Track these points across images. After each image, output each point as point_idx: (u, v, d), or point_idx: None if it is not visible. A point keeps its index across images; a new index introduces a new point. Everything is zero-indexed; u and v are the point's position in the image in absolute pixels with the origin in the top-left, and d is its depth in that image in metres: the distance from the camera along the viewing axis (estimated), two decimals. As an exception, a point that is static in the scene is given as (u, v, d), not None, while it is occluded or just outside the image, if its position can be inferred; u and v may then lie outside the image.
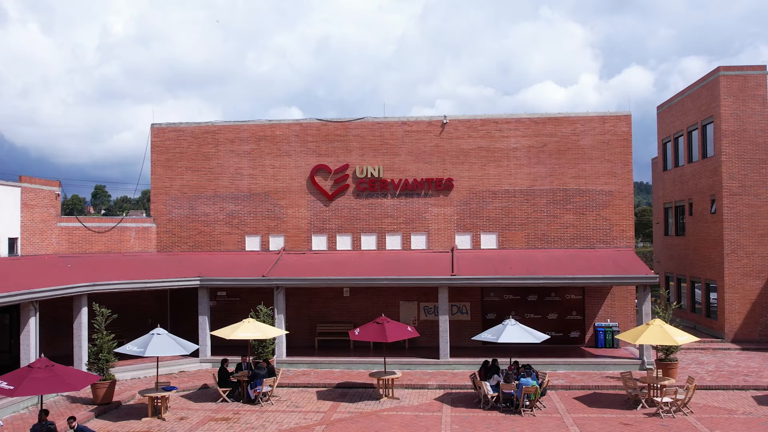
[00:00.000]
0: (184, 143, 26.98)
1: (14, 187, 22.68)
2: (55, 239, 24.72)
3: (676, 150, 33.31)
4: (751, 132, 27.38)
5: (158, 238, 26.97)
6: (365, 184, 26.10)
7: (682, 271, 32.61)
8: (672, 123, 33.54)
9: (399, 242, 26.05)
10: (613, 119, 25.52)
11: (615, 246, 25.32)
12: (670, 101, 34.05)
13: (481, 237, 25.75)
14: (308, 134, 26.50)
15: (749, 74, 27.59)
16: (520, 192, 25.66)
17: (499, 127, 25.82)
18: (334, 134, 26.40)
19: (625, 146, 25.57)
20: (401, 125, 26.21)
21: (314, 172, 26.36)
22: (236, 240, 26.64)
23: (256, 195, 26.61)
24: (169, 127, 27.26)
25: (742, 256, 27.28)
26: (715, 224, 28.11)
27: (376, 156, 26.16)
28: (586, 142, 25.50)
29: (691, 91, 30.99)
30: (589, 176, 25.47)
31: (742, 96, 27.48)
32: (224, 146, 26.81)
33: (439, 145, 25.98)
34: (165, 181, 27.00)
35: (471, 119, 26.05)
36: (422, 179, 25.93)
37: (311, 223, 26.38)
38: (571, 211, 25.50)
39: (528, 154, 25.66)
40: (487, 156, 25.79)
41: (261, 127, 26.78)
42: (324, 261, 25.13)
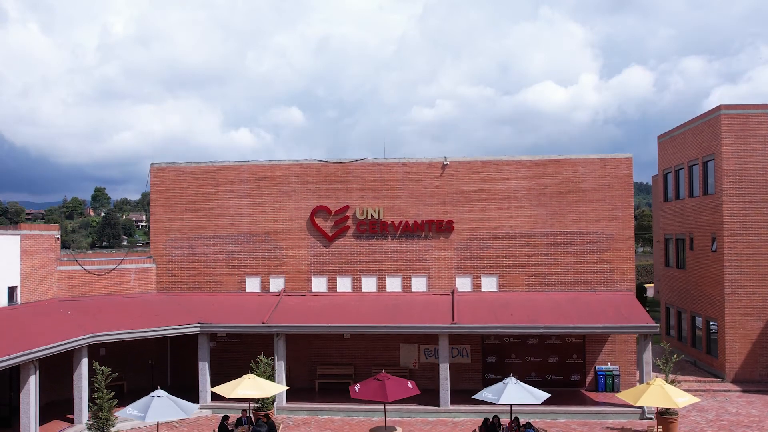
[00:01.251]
0: (183, 183, 26.91)
1: (13, 235, 22.63)
2: (55, 284, 24.68)
3: (677, 182, 33.22)
4: (752, 171, 27.30)
5: (158, 278, 26.92)
6: (365, 226, 26.04)
7: (682, 304, 32.56)
8: (673, 155, 33.45)
9: (399, 284, 26.00)
10: (614, 161, 25.44)
11: (616, 289, 25.26)
12: (671, 132, 33.95)
13: (482, 279, 25.71)
14: (308, 175, 26.43)
15: (751, 113, 27.49)
16: (521, 234, 25.59)
17: (500, 169, 25.74)
18: (335, 175, 26.32)
19: (626, 189, 25.50)
20: (401, 166, 26.14)
21: (314, 213, 26.30)
22: (236, 281, 26.59)
23: (256, 236, 26.55)
24: (169, 166, 27.19)
25: (743, 296, 27.22)
26: (716, 263, 28.04)
27: (377, 197, 26.09)
28: (587, 184, 25.42)
29: (692, 126, 30.89)
30: (590, 219, 25.40)
31: (744, 135, 27.39)
32: (224, 186, 26.74)
33: (439, 187, 25.91)
34: (165, 222, 26.94)
35: (471, 161, 25.97)
36: (423, 221, 25.86)
37: (311, 264, 26.33)
38: (571, 254, 25.44)
39: (529, 197, 25.59)
40: (487, 198, 25.72)
41: (261, 167, 26.70)
42: (324, 304, 25.09)
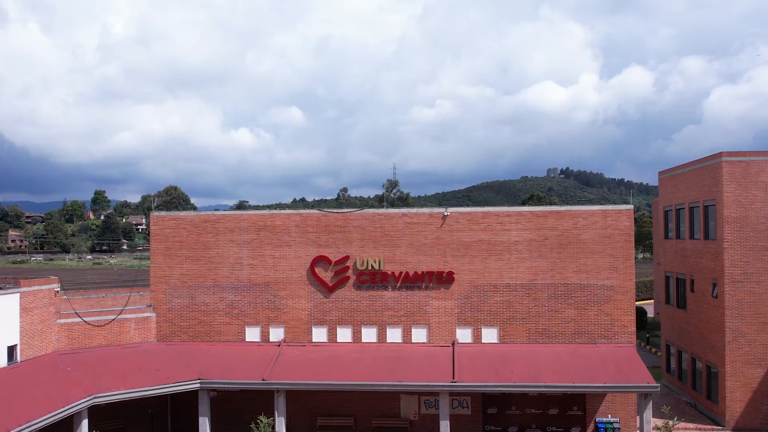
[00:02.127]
0: (183, 232, 26.86)
1: (13, 294, 22.57)
2: (55, 337, 24.64)
3: (677, 222, 33.16)
4: (753, 218, 27.25)
5: (158, 327, 26.88)
6: (366, 276, 25.99)
7: (683, 344, 32.52)
8: (674, 193, 33.39)
9: (400, 335, 25.95)
10: (615, 213, 25.38)
11: (616, 341, 25.21)
12: (672, 170, 33.89)
13: (482, 331, 25.66)
14: (308, 225, 26.38)
15: (752, 160, 27.43)
16: (522, 286, 25.55)
17: (500, 220, 25.69)
18: (334, 225, 26.28)
19: (627, 240, 25.45)
20: (401, 217, 26.09)
21: (314, 263, 26.25)
22: (236, 330, 26.55)
23: (257, 285, 26.51)
24: (169, 215, 27.15)
25: (744, 344, 27.18)
26: (717, 309, 27.99)
27: (377, 248, 26.04)
28: (588, 236, 25.37)
29: (693, 167, 30.84)
30: (591, 271, 25.35)
31: (745, 182, 27.33)
32: (224, 236, 26.69)
33: (440, 238, 25.86)
34: (165, 270, 26.89)
35: (472, 212, 25.92)
36: (423, 272, 25.81)
37: (311, 314, 26.28)
38: (572, 305, 25.39)
39: (529, 248, 25.54)
40: (488, 249, 25.67)
41: (261, 217, 26.66)
42: (324, 356, 25.04)
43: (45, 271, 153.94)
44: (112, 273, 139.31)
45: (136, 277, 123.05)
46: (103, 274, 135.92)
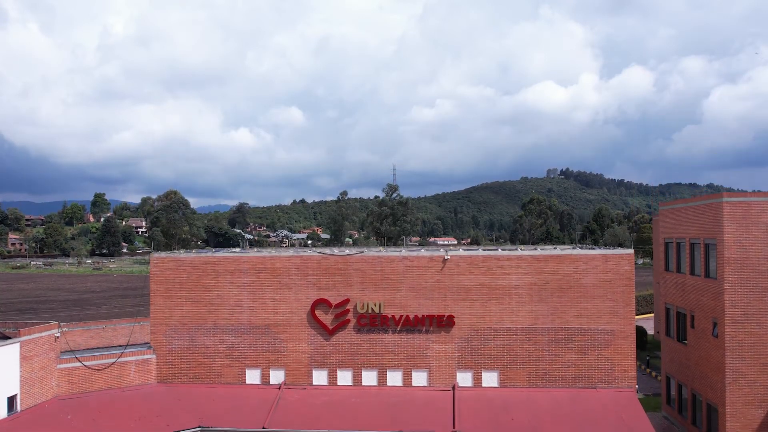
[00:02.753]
0: (183, 274, 26.83)
1: (13, 344, 22.55)
2: (55, 382, 24.62)
3: (678, 255, 33.13)
4: (754, 259, 27.23)
5: (158, 369, 26.85)
6: (366, 320, 25.97)
7: (683, 378, 32.49)
8: (674, 227, 33.36)
9: (400, 378, 25.94)
10: (616, 258, 25.37)
11: (617, 386, 25.18)
12: (673, 204, 33.88)
13: (483, 375, 25.64)
14: (308, 267, 26.36)
15: (753, 201, 27.41)
16: (522, 330, 25.52)
17: (501, 264, 25.66)
18: (335, 268, 26.25)
19: (627, 285, 25.44)
20: (402, 260, 26.07)
21: (315, 306, 26.23)
22: (236, 373, 26.53)
23: (257, 327, 26.49)
24: (169, 256, 27.12)
25: (744, 385, 27.17)
26: (717, 349, 27.97)
27: (377, 291, 26.02)
28: (588, 280, 25.35)
29: (694, 204, 30.82)
30: (591, 315, 25.33)
31: (746, 223, 27.31)
32: (224, 278, 26.67)
33: (440, 281, 25.84)
34: (165, 312, 26.87)
35: (472, 255, 25.90)
36: (423, 315, 25.80)
37: (312, 357, 26.27)
38: (572, 350, 25.37)
39: (530, 292, 25.52)
40: (488, 293, 25.65)
41: (261, 259, 26.64)
42: (324, 401, 25.03)
43: (45, 276, 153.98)
44: (112, 279, 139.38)
45: (136, 285, 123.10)
46: (103, 281, 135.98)
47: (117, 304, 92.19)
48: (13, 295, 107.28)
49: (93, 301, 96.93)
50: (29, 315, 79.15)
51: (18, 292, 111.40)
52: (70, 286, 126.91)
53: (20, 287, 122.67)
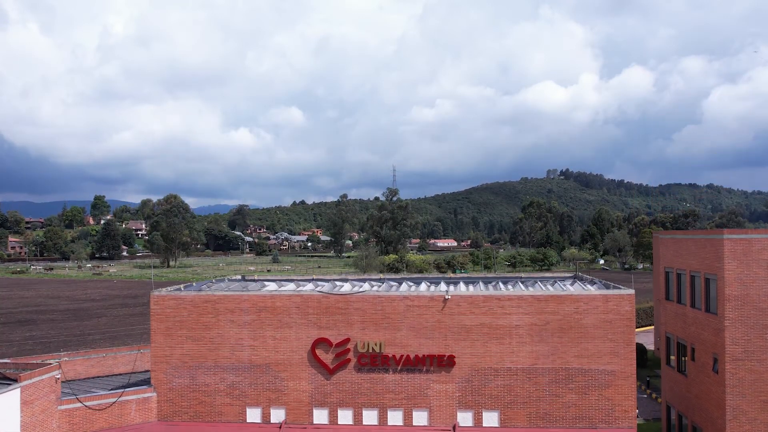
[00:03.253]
0: (184, 312, 26.83)
1: (13, 390, 22.53)
2: (56, 424, 24.61)
3: (678, 286, 33.12)
4: (755, 296, 27.22)
5: (159, 407, 26.84)
6: (367, 359, 25.96)
7: (683, 410, 32.49)
8: (675, 258, 33.35)
9: (401, 418, 25.93)
10: (616, 298, 25.35)
11: (617, 426, 25.17)
12: (674, 233, 33.89)
13: (483, 415, 25.63)
14: (309, 306, 26.35)
15: (754, 238, 27.40)
16: (522, 370, 25.51)
17: (502, 304, 25.65)
18: (335, 307, 26.24)
19: (628, 326, 25.41)
20: (402, 299, 26.06)
21: (315, 345, 26.22)
22: (237, 411, 26.52)
23: (257, 366, 26.47)
24: (169, 295, 27.12)
25: (744, 422, 27.17)
26: (718, 385, 27.97)
27: (378, 330, 26.01)
28: (589, 320, 25.33)
29: (695, 237, 30.82)
30: (592, 355, 25.32)
31: (747, 260, 27.30)
32: (224, 316, 26.66)
33: (441, 321, 25.82)
34: (165, 350, 26.85)
35: (473, 295, 25.89)
36: (424, 355, 25.79)
37: (312, 396, 26.26)
38: (573, 390, 25.36)
39: (530, 332, 25.51)
40: (489, 333, 25.63)
41: (261, 297, 26.62)
42: (325, 442, 25.03)
43: (45, 282, 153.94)
44: (111, 286, 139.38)
45: (135, 292, 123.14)
46: (103, 287, 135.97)
47: (117, 314, 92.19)
48: (14, 303, 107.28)
49: (93, 310, 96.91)
50: (29, 327, 79.21)
51: (18, 300, 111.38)
52: (70, 292, 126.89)
53: (20, 295, 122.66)
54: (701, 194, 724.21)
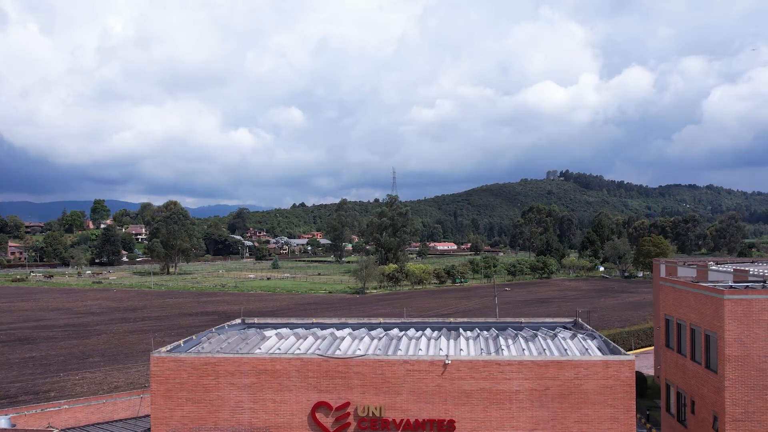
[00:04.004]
0: (183, 374, 26.79)
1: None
2: (55, 492, 24.57)
3: (678, 336, 33.12)
4: (755, 357, 27.23)
5: (158, 469, 26.80)
6: (367, 423, 25.92)
7: (684, 460, 32.53)
8: (675, 307, 33.34)
9: (400, 482, 25.88)
10: (617, 364, 25.30)
11: (617, 492, 25.14)
12: (675, 282, 33.87)
13: (483, 480, 25.59)
14: (309, 370, 26.31)
15: (754, 298, 27.39)
16: (523, 436, 25.47)
17: (502, 369, 25.61)
18: (335, 371, 26.20)
19: (628, 391, 25.35)
20: (402, 364, 26.01)
21: (315, 409, 26.18)
22: (237, 474, 26.49)
23: (257, 429, 26.42)
24: (169, 356, 27.07)
25: (745, 483, 27.18)
26: (718, 445, 27.99)
27: (378, 394, 25.96)
28: (589, 386, 25.29)
29: (695, 291, 30.79)
30: (592, 421, 25.27)
31: (747, 321, 27.30)
32: (224, 378, 26.61)
33: (441, 386, 25.78)
34: (165, 412, 26.81)
35: (473, 360, 25.85)
36: (424, 420, 25.74)
37: (312, 459, 26.22)
38: (573, 456, 25.32)
39: (530, 398, 25.47)
40: (489, 398, 25.59)
41: (261, 360, 26.58)
42: (325, 508, 25.00)
43: (45, 292, 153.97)
44: (111, 297, 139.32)
45: (135, 304, 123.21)
46: (103, 298, 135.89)
47: (116, 330, 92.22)
48: (14, 317, 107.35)
49: (92, 326, 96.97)
50: (29, 347, 79.20)
51: (18, 314, 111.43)
52: (70, 303, 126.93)
53: (20, 307, 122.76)
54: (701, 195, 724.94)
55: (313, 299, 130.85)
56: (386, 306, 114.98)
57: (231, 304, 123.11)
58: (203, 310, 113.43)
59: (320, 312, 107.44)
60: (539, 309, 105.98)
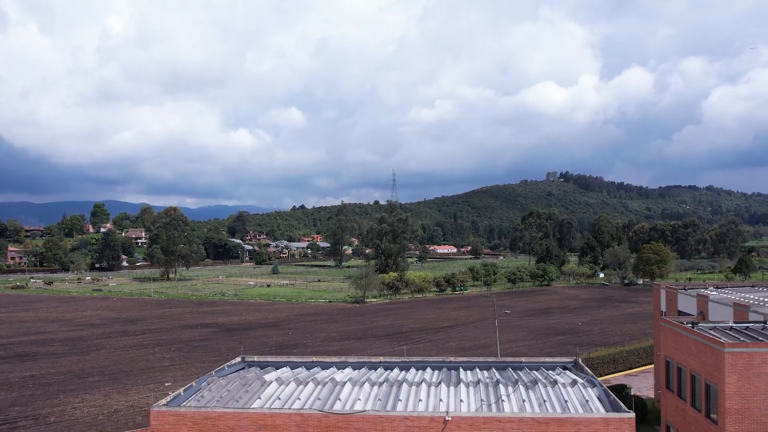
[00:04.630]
0: (184, 428, 26.74)
1: None
2: None
3: (679, 380, 33.07)
4: (755, 410, 27.18)
5: None
6: (367, 479, 25.89)
7: (684, 505, 32.49)
8: (676, 352, 33.28)
9: None
10: (617, 422, 25.24)
11: None
12: (675, 326, 33.80)
13: None
14: (309, 425, 26.27)
15: (755, 351, 27.35)
16: (523, 493, 25.43)
17: (502, 425, 25.57)
18: (335, 426, 26.16)
19: (629, 449, 25.32)
20: (403, 420, 25.97)
21: (315, 464, 26.15)
22: None
23: (257, 484, 26.40)
24: (169, 411, 27.03)
25: None
26: (719, 496, 27.95)
27: (378, 450, 25.92)
28: (590, 443, 25.24)
29: (694, 338, 30.73)
30: (593, 479, 25.24)
31: (748, 374, 27.26)
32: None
33: (441, 442, 25.74)
34: (165, 466, 26.78)
35: (474, 417, 25.80)
36: (424, 476, 25.71)
37: None
38: None
39: (531, 454, 25.42)
40: (489, 455, 25.54)
41: (261, 415, 26.54)
42: None
43: (44, 300, 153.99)
44: (111, 306, 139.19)
45: (135, 315, 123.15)
46: (102, 308, 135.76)
47: (116, 345, 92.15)
48: (14, 330, 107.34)
49: (92, 340, 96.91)
50: (29, 365, 79.13)
51: (18, 326, 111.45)
52: (70, 314, 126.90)
53: (20, 317, 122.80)
54: (701, 196, 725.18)
55: (313, 309, 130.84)
56: (386, 318, 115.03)
57: (230, 314, 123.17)
58: (203, 322, 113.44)
59: (320, 324, 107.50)
60: (539, 321, 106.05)
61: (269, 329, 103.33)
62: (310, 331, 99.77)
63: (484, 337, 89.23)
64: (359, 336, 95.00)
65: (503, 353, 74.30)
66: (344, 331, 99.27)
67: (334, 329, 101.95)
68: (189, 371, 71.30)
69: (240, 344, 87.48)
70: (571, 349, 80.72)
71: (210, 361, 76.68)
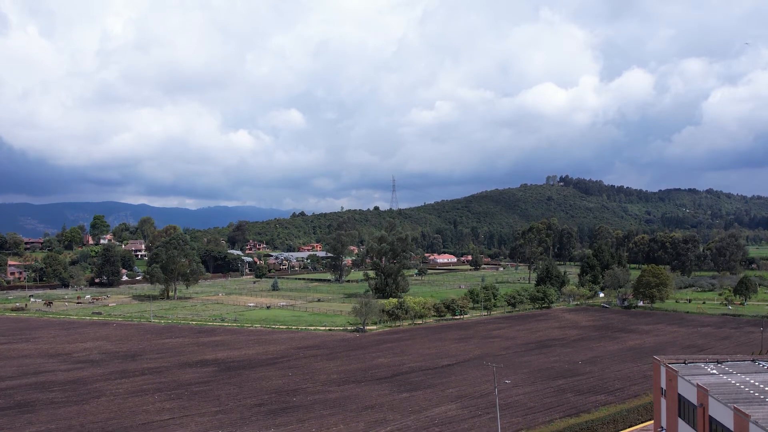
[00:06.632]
0: None
1: None
2: None
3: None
4: None
5: None
6: None
7: None
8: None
9: None
10: None
11: None
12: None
13: None
14: None
15: None
16: None
17: None
18: None
19: None
20: None
21: None
22: None
23: None
24: None
25: None
26: None
27: None
28: None
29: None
30: None
31: None
32: None
33: None
34: None
35: None
36: None
37: None
38: None
39: None
40: None
41: None
42: None
43: (44, 327, 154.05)
44: (110, 337, 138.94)
45: (135, 348, 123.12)
46: (102, 338, 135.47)
47: (116, 390, 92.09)
48: (14, 370, 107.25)
49: (92, 383, 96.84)
50: (28, 417, 79.07)
51: (19, 362, 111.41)
52: (70, 346, 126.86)
53: (20, 350, 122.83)
54: (701, 199, 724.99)
55: (312, 341, 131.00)
56: (387, 353, 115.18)
57: (230, 347, 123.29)
58: (203, 359, 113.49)
59: (320, 361, 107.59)
60: (539, 359, 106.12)
61: (269, 368, 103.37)
62: (310, 372, 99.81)
63: (485, 380, 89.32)
64: (359, 379, 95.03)
65: (503, 404, 74.38)
66: (344, 372, 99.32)
67: (334, 369, 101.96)
68: (188, 429, 71.17)
69: (240, 389, 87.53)
70: (571, 399, 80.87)
71: (210, 414, 76.76)
